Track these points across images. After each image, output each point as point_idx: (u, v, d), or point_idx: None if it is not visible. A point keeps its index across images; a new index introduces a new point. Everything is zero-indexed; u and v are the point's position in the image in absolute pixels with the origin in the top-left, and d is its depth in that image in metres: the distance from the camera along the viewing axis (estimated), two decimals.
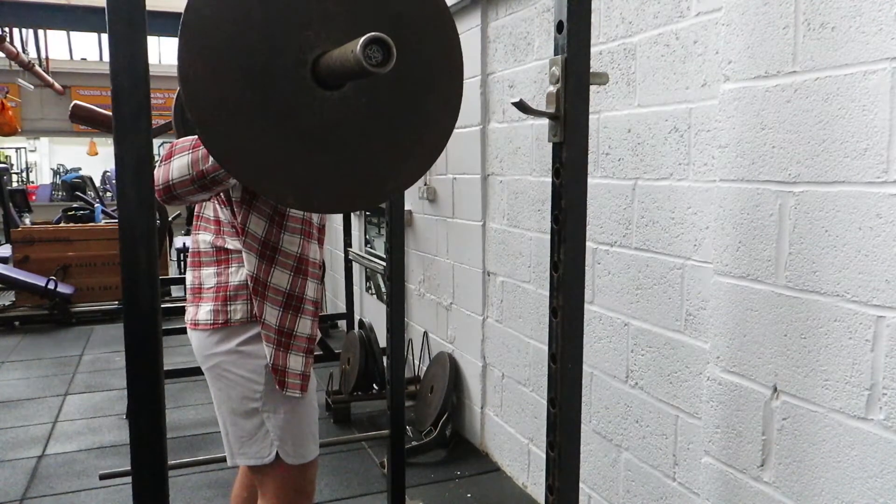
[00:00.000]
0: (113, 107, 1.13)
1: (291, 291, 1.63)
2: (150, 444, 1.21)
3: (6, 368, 4.81)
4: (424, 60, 1.10)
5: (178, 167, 1.46)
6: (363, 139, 1.07)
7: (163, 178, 1.47)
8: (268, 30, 0.98)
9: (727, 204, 1.59)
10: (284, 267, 1.62)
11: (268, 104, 1.00)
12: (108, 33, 1.12)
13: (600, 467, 2.35)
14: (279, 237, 1.61)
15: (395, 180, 1.16)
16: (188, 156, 1.45)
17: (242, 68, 0.98)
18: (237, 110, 0.99)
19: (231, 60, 0.97)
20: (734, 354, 1.59)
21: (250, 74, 0.99)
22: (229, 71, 0.97)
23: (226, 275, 1.63)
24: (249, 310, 1.61)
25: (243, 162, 1.03)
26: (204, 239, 1.68)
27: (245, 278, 1.61)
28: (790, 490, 1.46)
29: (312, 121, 1.02)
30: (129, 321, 1.18)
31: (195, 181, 1.45)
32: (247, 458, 1.66)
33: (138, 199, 1.16)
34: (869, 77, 1.26)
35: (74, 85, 14.88)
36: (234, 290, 1.62)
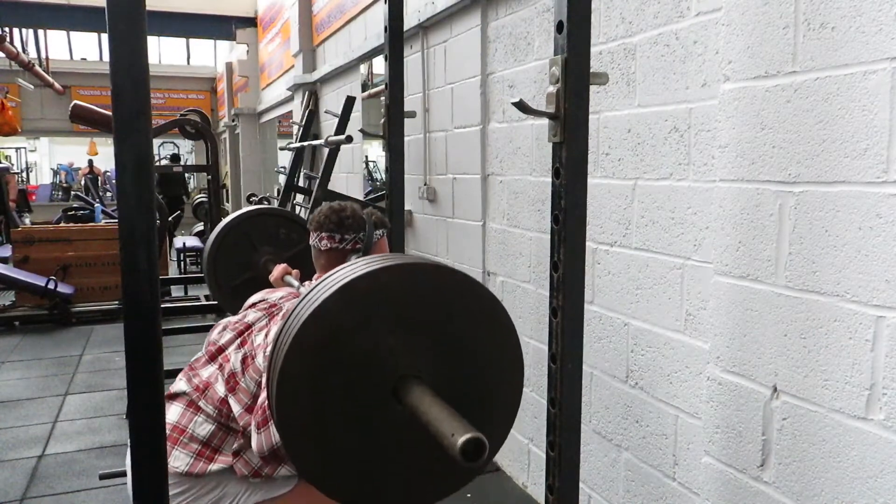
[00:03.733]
0: (113, 107, 1.13)
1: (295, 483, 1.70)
2: (150, 443, 1.21)
3: (6, 368, 4.81)
4: (487, 380, 1.24)
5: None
6: (425, 447, 1.15)
7: (267, 444, 1.51)
8: (359, 360, 1.11)
9: (727, 204, 1.59)
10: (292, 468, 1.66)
11: (349, 420, 1.12)
12: (108, 33, 1.12)
13: (600, 467, 2.35)
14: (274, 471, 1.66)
15: (451, 486, 1.26)
16: None
17: (333, 396, 1.11)
18: (321, 429, 1.12)
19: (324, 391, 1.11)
20: (734, 354, 1.59)
21: (341, 400, 1.11)
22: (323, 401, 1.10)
23: (188, 419, 1.68)
24: (190, 464, 1.63)
25: (329, 479, 1.16)
26: (182, 387, 1.73)
27: (205, 435, 1.65)
28: (790, 490, 1.46)
29: (384, 428, 1.15)
30: (129, 321, 1.18)
31: (278, 443, 1.49)
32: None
33: (138, 199, 1.16)
34: (869, 77, 1.26)
35: (74, 85, 14.89)
36: (188, 437, 1.66)
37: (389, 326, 1.12)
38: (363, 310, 1.11)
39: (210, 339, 1.93)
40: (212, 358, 1.78)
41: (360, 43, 4.87)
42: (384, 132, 2.33)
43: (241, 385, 1.67)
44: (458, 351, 1.20)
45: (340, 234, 1.83)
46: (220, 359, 1.76)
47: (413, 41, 3.70)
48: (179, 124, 6.95)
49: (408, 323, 1.15)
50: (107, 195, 14.72)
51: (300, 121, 6.26)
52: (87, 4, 9.07)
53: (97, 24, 9.64)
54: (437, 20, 3.44)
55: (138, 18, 1.13)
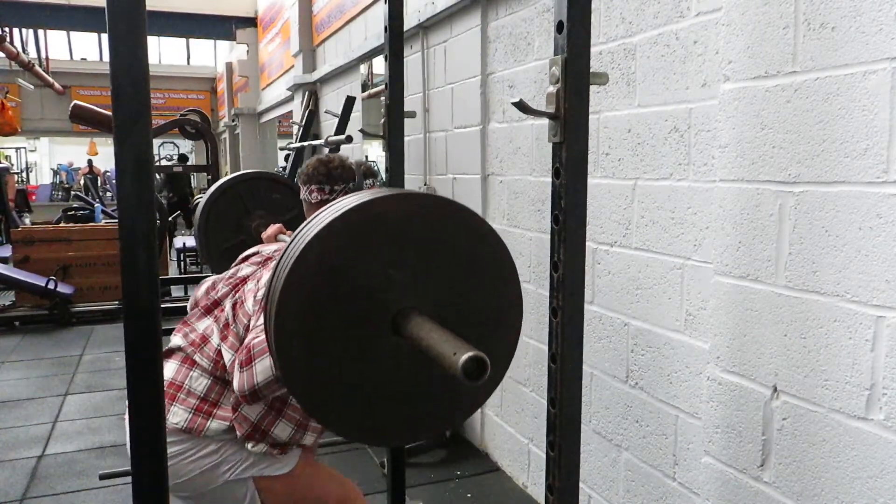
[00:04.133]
0: (113, 107, 1.13)
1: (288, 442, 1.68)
2: (150, 443, 1.21)
3: (6, 368, 4.81)
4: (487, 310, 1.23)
5: (261, 371, 1.47)
6: (425, 378, 1.15)
7: (248, 384, 1.49)
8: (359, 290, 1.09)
9: (727, 204, 1.59)
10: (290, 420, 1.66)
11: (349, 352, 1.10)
12: (108, 33, 1.12)
13: (600, 467, 2.35)
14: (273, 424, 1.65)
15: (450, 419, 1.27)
16: (268, 358, 1.45)
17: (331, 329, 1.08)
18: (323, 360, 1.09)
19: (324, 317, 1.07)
20: (734, 354, 1.59)
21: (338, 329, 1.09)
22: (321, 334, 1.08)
23: (183, 374, 1.65)
24: (188, 420, 1.60)
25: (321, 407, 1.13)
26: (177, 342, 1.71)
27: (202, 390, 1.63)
28: (790, 490, 1.46)
29: (384, 363, 1.13)
30: (130, 321, 1.18)
31: (280, 379, 1.46)
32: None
33: (138, 199, 1.16)
34: (869, 77, 1.26)
35: (74, 85, 14.90)
36: (185, 392, 1.63)
37: (386, 258, 1.09)
38: (358, 240, 1.08)
39: (196, 296, 1.90)
40: (208, 311, 1.75)
41: (360, 43, 4.87)
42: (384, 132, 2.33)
43: (231, 331, 1.65)
44: (457, 284, 1.17)
45: (330, 185, 1.83)
46: (216, 311, 1.73)
47: (413, 41, 3.70)
48: (179, 124, 6.96)
49: (405, 254, 1.12)
50: (107, 195, 14.73)
51: (300, 121, 6.26)
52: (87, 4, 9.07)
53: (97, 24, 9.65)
54: (437, 20, 3.44)
55: (138, 18, 1.13)
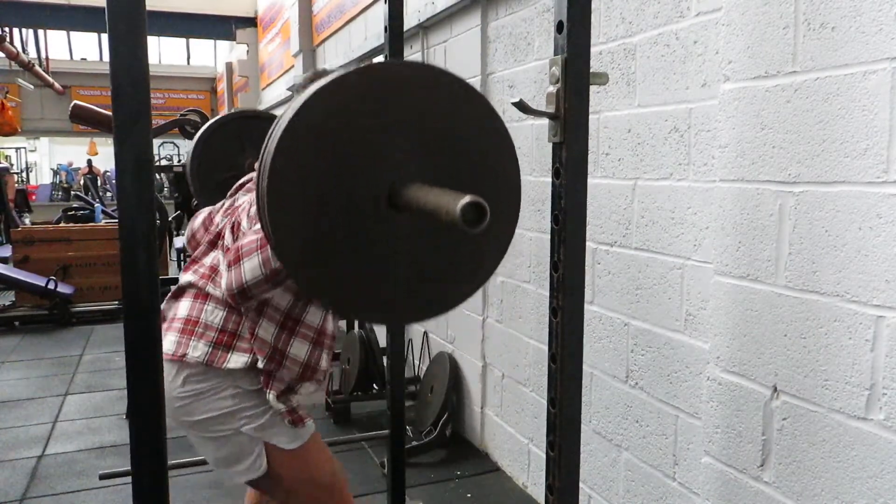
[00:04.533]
0: (113, 107, 1.13)
1: (307, 362, 1.65)
2: (150, 443, 1.21)
3: (6, 368, 4.81)
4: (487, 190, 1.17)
5: (250, 269, 1.46)
6: (424, 256, 1.13)
7: (237, 282, 1.47)
8: (351, 165, 1.05)
9: (727, 204, 1.59)
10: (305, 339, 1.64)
11: (344, 228, 1.06)
12: (108, 33, 1.12)
13: (600, 467, 2.35)
14: (304, 310, 1.62)
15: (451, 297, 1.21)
16: (257, 256, 1.44)
17: (325, 200, 1.04)
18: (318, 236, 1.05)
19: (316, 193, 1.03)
20: (734, 354, 1.59)
21: (332, 204, 1.05)
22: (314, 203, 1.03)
23: (199, 310, 1.62)
24: (208, 354, 1.58)
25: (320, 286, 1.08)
26: (189, 279, 1.69)
27: (219, 322, 1.59)
28: (790, 490, 1.46)
29: (382, 240, 1.09)
30: (130, 321, 1.18)
31: (269, 279, 1.45)
32: (242, 476, 1.66)
33: (138, 199, 1.16)
34: (869, 77, 1.26)
35: (74, 85, 14.90)
36: (203, 326, 1.60)
37: (379, 127, 1.05)
38: (351, 104, 1.03)
39: (193, 228, 1.88)
40: (213, 245, 1.73)
41: (360, 43, 4.87)
42: None
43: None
44: (453, 156, 1.12)
45: None
46: (219, 242, 1.71)
47: (413, 41, 3.70)
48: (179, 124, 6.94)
49: (398, 124, 1.07)
50: (107, 195, 14.74)
51: None
52: (87, 4, 9.07)
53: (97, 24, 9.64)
54: (437, 20, 3.44)
55: (138, 18, 1.13)
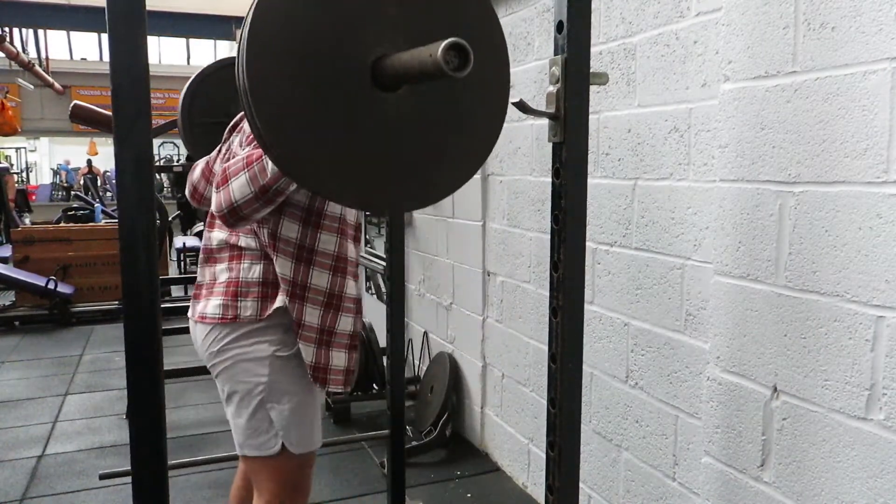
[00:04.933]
0: (113, 107, 1.13)
1: (331, 290, 1.63)
2: (150, 443, 1.21)
3: (6, 368, 4.81)
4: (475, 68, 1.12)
5: (238, 188, 1.46)
6: (415, 142, 1.09)
7: (226, 201, 1.47)
8: (332, 34, 1.00)
9: (727, 204, 1.59)
10: (323, 267, 1.62)
11: (330, 107, 1.02)
12: (108, 33, 1.12)
13: (600, 467, 2.35)
14: (315, 238, 1.61)
15: (443, 184, 1.17)
16: (245, 174, 1.45)
17: (308, 73, 0.99)
18: (302, 116, 1.00)
19: (297, 67, 0.98)
20: (734, 354, 1.59)
21: (315, 79, 1.00)
22: (296, 77, 0.98)
23: (237, 270, 1.63)
24: (259, 307, 1.60)
25: (308, 168, 1.03)
26: (217, 236, 1.69)
27: (258, 276, 1.61)
28: (790, 490, 1.46)
29: (370, 122, 1.04)
30: (129, 321, 1.18)
31: (259, 198, 1.45)
32: (252, 450, 1.66)
33: (138, 199, 1.16)
34: (869, 77, 1.26)
35: (74, 85, 14.90)
36: (245, 285, 1.62)
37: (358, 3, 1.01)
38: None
39: (193, 180, 1.88)
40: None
41: None
42: None
43: None
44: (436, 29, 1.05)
45: None
46: None
47: None
48: None
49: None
50: (106, 195, 14.74)
51: None
52: (87, 4, 9.08)
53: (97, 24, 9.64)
54: None
55: (138, 18, 1.13)
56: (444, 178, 1.16)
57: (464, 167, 1.17)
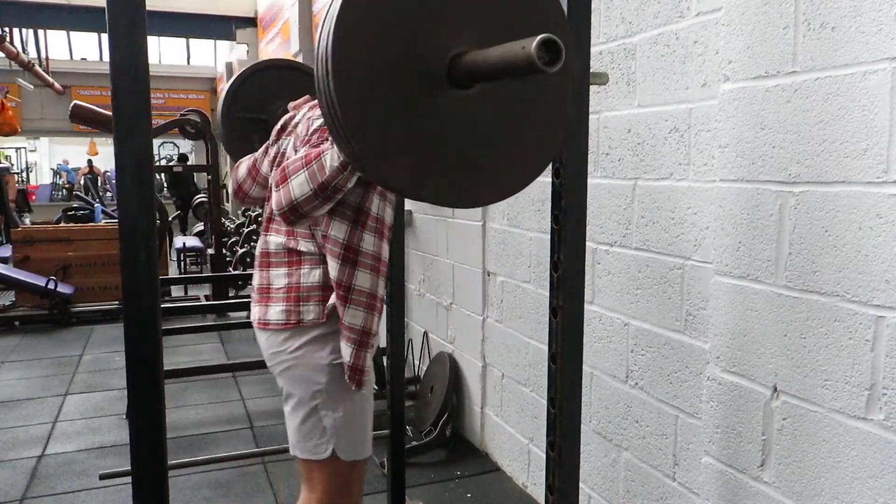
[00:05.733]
0: (113, 107, 1.13)
1: (372, 291, 1.65)
2: (150, 444, 1.21)
3: (6, 368, 4.81)
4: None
5: (297, 185, 1.49)
6: (485, 139, 1.11)
7: (286, 199, 1.50)
8: (412, 33, 1.02)
9: (727, 204, 1.59)
10: (365, 268, 1.64)
11: (408, 103, 1.04)
12: (108, 33, 1.12)
13: (600, 467, 2.35)
14: (360, 238, 1.62)
15: (511, 181, 1.19)
16: (304, 173, 1.48)
17: (388, 71, 1.01)
18: (382, 112, 1.02)
19: (379, 64, 1.00)
20: (734, 354, 1.59)
21: (395, 76, 1.02)
22: (377, 75, 1.00)
23: (297, 276, 1.65)
24: (321, 311, 1.63)
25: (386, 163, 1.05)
26: (275, 241, 1.70)
27: (318, 280, 1.63)
28: (790, 490, 1.46)
29: (444, 118, 1.06)
30: (130, 321, 1.18)
31: (318, 195, 1.48)
32: (303, 452, 1.69)
33: (138, 199, 1.16)
34: (869, 77, 1.26)
35: (74, 85, 14.90)
36: (306, 291, 1.64)
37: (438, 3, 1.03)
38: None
39: (238, 178, 1.93)
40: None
41: None
42: None
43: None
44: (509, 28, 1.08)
45: None
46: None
47: None
48: (179, 124, 6.95)
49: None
50: (106, 195, 14.74)
51: None
52: (88, 4, 9.08)
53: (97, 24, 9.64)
54: None
55: (138, 18, 1.13)
56: (511, 175, 1.17)
57: (530, 166, 1.18)
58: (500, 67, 0.95)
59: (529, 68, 0.88)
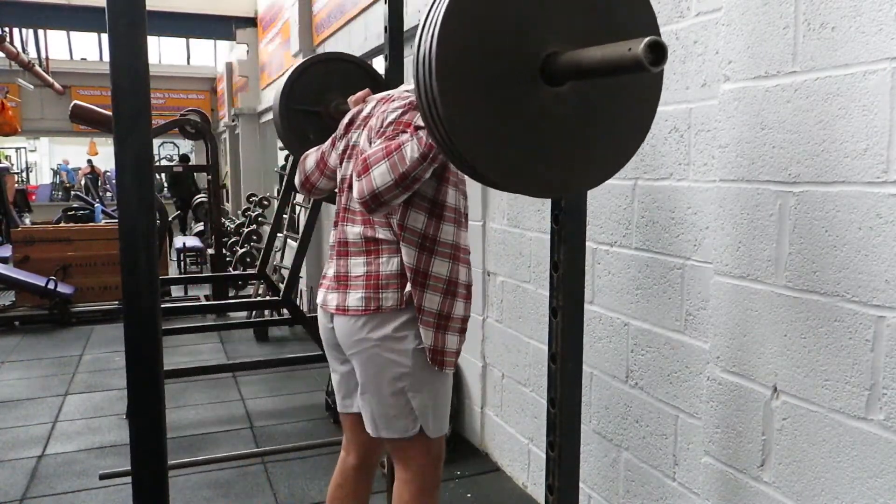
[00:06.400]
0: (113, 106, 1.13)
1: (450, 278, 1.72)
2: (150, 443, 1.21)
3: (6, 368, 4.81)
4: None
5: (378, 175, 1.54)
6: (574, 133, 1.16)
7: (367, 189, 1.56)
8: (512, 32, 1.07)
9: (727, 204, 1.59)
10: (443, 256, 1.71)
11: (506, 99, 1.09)
12: (108, 33, 1.12)
13: (600, 467, 2.35)
14: (438, 228, 1.70)
15: (595, 173, 1.25)
16: (385, 163, 1.54)
17: (488, 68, 1.07)
18: (483, 109, 1.07)
19: (480, 62, 1.06)
20: (734, 354, 1.59)
21: (494, 73, 1.07)
22: (478, 71, 1.06)
23: (376, 264, 1.72)
24: (400, 297, 1.69)
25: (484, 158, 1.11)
26: (352, 230, 1.77)
27: (396, 268, 1.70)
28: (790, 490, 1.46)
29: (537, 113, 1.11)
30: (130, 321, 1.18)
31: (399, 184, 1.54)
32: (391, 432, 1.78)
33: (138, 199, 1.16)
34: (869, 77, 1.26)
35: (74, 85, 14.89)
36: (385, 278, 1.71)
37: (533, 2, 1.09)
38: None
39: (306, 170, 2.00)
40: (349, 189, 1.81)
41: (361, 43, 4.87)
42: None
43: None
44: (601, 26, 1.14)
45: None
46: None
47: (413, 41, 3.70)
48: (179, 124, 6.95)
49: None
50: (107, 195, 14.74)
51: None
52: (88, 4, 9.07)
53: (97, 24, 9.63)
54: None
55: (138, 18, 1.13)
56: (598, 166, 1.24)
57: (615, 157, 1.25)
58: (602, 67, 1.01)
59: (636, 68, 0.94)
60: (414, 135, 1.54)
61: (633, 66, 0.94)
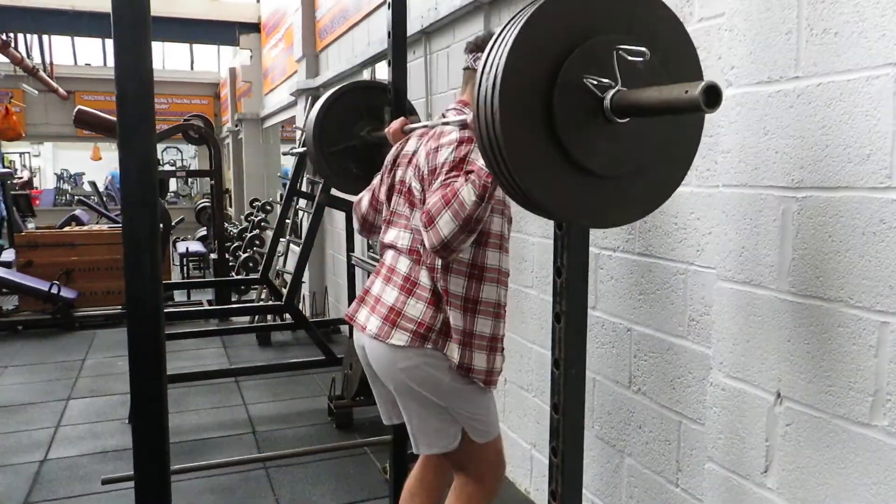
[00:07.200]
0: (117, 112, 1.14)
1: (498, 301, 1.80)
2: (152, 448, 1.21)
3: (9, 373, 4.82)
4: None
5: (445, 224, 1.61)
6: (630, 164, 1.21)
7: (437, 239, 1.62)
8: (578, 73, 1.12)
9: (730, 209, 1.59)
10: (492, 282, 1.78)
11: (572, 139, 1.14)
12: (112, 39, 1.13)
13: (603, 473, 2.34)
14: (484, 255, 1.76)
15: (647, 202, 1.30)
16: (447, 212, 1.60)
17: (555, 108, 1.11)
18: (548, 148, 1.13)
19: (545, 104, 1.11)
20: (737, 360, 1.59)
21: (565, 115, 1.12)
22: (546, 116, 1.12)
23: (403, 302, 1.78)
24: (408, 340, 1.75)
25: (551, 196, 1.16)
26: (404, 262, 1.83)
27: (417, 315, 1.76)
28: (794, 496, 1.45)
29: (600, 150, 1.17)
30: (133, 326, 1.19)
31: (464, 228, 1.60)
32: (431, 448, 1.85)
33: (142, 203, 1.16)
34: (872, 82, 1.26)
35: (78, 90, 14.94)
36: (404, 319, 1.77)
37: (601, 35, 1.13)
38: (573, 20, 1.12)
39: (361, 212, 2.07)
40: (391, 224, 1.91)
41: (363, 48, 4.89)
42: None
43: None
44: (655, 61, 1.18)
45: None
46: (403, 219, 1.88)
47: (416, 46, 3.71)
48: (183, 129, 6.98)
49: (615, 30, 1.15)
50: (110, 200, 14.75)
51: (303, 126, 6.29)
52: (92, 10, 9.11)
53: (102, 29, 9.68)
54: (439, 25, 3.45)
55: (143, 24, 1.13)
56: (650, 196, 1.29)
57: (666, 187, 1.31)
58: (661, 107, 1.06)
59: (692, 109, 0.99)
60: (467, 179, 1.60)
61: (690, 108, 0.99)
